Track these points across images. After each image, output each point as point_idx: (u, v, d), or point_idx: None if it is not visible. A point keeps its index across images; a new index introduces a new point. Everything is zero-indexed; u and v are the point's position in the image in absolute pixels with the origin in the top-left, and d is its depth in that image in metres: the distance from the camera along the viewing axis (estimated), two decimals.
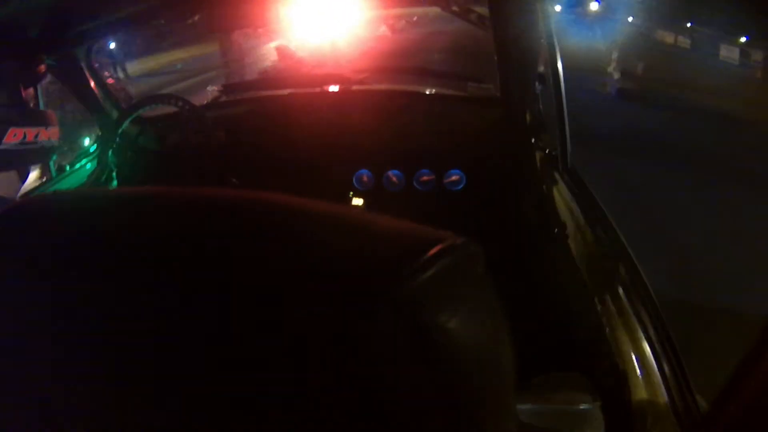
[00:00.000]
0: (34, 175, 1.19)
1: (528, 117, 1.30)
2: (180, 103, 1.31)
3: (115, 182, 1.41)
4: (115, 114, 1.44)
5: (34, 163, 1.10)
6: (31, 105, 1.07)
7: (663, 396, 0.53)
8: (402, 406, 0.24)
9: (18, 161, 0.99)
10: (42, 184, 1.26)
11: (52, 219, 0.32)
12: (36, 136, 0.99)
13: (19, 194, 1.07)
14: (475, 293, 0.25)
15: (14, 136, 0.94)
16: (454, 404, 0.24)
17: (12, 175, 1.03)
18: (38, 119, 1.02)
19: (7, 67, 1.00)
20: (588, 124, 3.59)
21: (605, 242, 0.81)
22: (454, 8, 1.31)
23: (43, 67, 1.15)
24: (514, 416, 0.30)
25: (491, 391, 0.26)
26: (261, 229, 0.27)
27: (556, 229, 1.00)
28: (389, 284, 0.22)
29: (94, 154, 1.44)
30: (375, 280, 0.23)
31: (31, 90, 1.09)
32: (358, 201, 1.51)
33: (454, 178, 1.44)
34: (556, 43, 1.02)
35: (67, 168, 1.44)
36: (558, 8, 8.57)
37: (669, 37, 11.18)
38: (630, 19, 11.62)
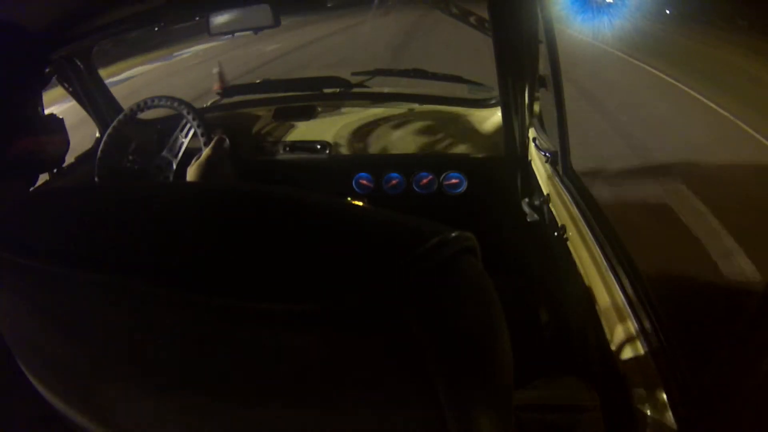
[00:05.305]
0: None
1: (528, 118, 1.30)
2: (180, 106, 1.31)
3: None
4: (114, 115, 1.44)
5: (41, 171, 1.03)
6: (37, 111, 1.00)
7: (662, 396, 0.53)
8: (395, 399, 0.24)
9: (25, 171, 0.94)
10: (42, 184, 1.26)
11: (54, 216, 0.32)
12: (43, 145, 0.94)
13: None
14: (472, 285, 0.25)
15: (22, 147, 0.89)
16: (450, 400, 0.24)
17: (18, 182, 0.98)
18: (46, 127, 0.96)
19: (14, 72, 0.94)
20: None
21: (604, 243, 0.81)
22: (454, 11, 1.31)
23: (47, 70, 1.09)
24: (513, 415, 0.30)
25: (489, 388, 0.26)
26: (274, 222, 0.27)
27: (555, 230, 1.00)
28: (386, 277, 0.22)
29: (94, 156, 1.44)
30: (373, 274, 0.23)
31: (36, 95, 1.02)
32: None
33: (453, 180, 1.44)
34: (556, 44, 1.03)
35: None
36: None
37: None
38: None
